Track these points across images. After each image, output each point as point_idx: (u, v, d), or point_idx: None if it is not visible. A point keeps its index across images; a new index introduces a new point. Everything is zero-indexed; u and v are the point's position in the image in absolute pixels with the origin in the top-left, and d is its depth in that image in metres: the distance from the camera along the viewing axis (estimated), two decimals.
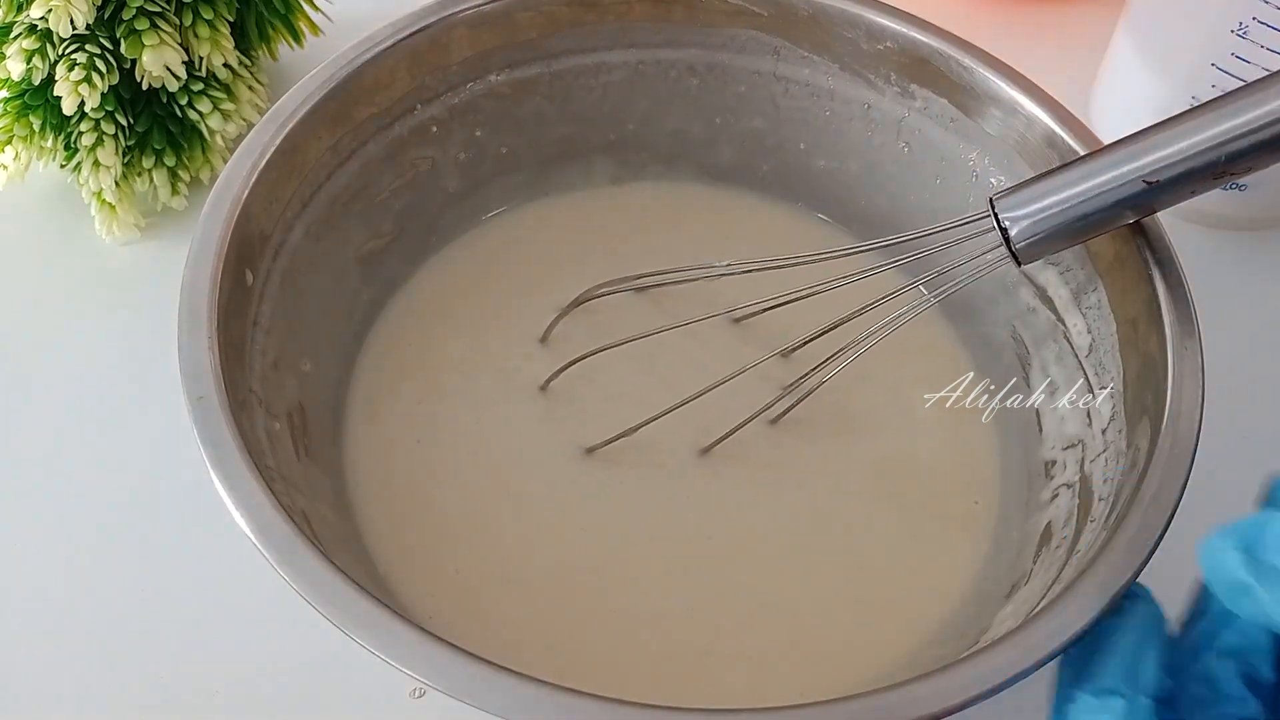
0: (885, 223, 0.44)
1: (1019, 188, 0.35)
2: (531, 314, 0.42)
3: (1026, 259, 0.35)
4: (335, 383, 0.40)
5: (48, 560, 0.38)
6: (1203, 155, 0.32)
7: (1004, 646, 0.28)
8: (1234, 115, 0.31)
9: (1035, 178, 0.35)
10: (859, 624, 0.36)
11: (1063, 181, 0.34)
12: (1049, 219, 0.34)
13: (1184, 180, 0.32)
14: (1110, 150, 0.33)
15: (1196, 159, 0.32)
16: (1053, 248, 0.35)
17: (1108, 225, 0.34)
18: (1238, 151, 0.31)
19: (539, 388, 0.40)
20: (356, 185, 0.40)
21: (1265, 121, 0.31)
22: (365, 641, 0.27)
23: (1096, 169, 0.33)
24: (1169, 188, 0.32)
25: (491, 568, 0.36)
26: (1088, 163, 0.34)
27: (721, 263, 0.39)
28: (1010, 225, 0.34)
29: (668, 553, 0.37)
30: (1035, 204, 0.34)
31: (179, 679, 0.36)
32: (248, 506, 0.29)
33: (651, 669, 0.35)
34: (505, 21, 0.41)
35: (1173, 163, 0.32)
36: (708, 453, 0.39)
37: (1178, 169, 0.32)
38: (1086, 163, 0.34)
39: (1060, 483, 0.37)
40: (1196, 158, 0.32)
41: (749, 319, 0.41)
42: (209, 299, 0.32)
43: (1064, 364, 0.39)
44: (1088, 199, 0.33)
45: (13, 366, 0.42)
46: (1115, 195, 0.33)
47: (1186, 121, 0.32)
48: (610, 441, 0.38)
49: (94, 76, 0.41)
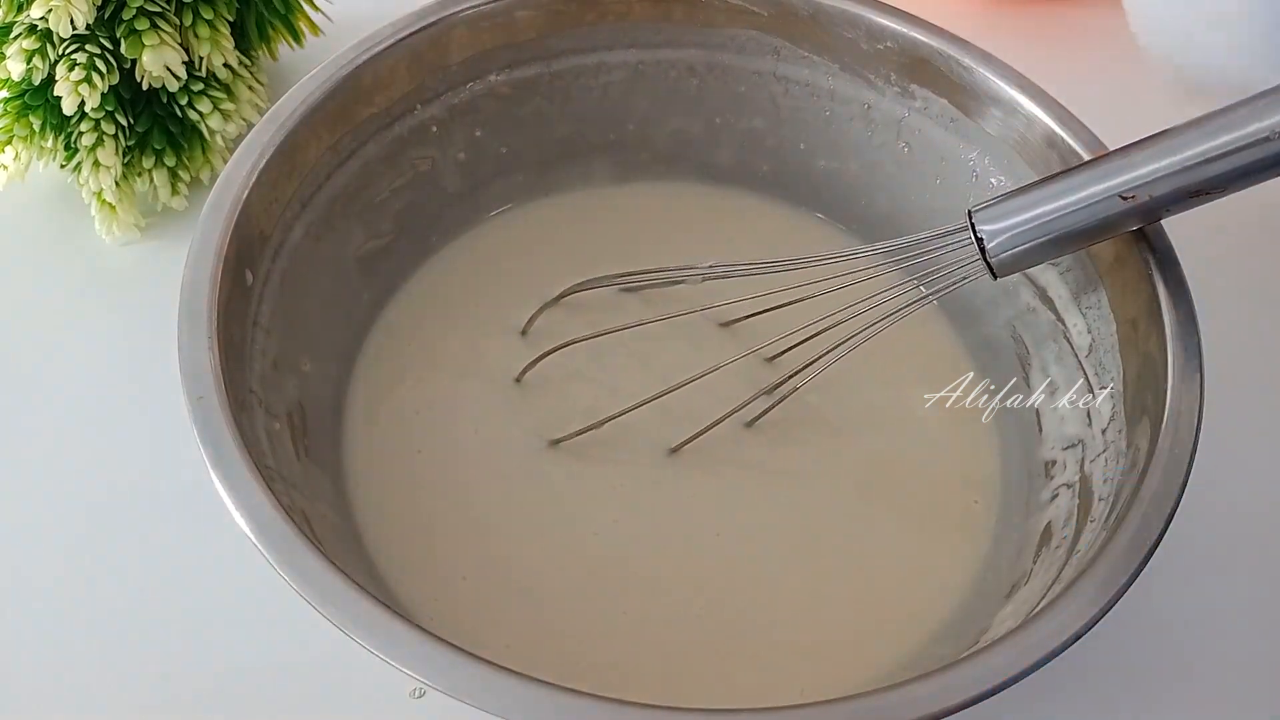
0: (885, 223, 0.44)
1: (997, 201, 0.35)
2: (531, 314, 0.42)
3: (1002, 272, 0.35)
4: (335, 383, 0.40)
5: (48, 560, 0.38)
6: (1180, 175, 0.32)
7: (1004, 646, 0.28)
8: (1213, 136, 0.31)
9: (1013, 191, 0.35)
10: (859, 624, 0.36)
11: (1040, 196, 0.34)
12: (1025, 234, 0.34)
13: (1162, 200, 0.32)
14: (1089, 166, 0.34)
15: (1174, 178, 0.32)
16: (1029, 262, 0.35)
17: (1085, 241, 0.34)
18: (1216, 174, 0.31)
19: (514, 379, 0.40)
20: (356, 185, 0.40)
21: (1245, 143, 0.31)
22: (365, 641, 0.27)
23: (1074, 185, 0.33)
24: (1146, 206, 0.33)
25: (494, 569, 0.36)
26: (1066, 178, 0.34)
27: (704, 264, 0.39)
28: (987, 238, 0.34)
29: (666, 550, 0.37)
30: (1012, 218, 0.34)
31: (179, 679, 0.36)
32: (248, 506, 0.29)
33: (650, 668, 0.35)
34: (505, 21, 0.41)
35: (1151, 180, 0.32)
36: (681, 453, 0.39)
37: (1156, 188, 0.32)
38: (1065, 178, 0.34)
39: (1060, 483, 0.37)
40: (1174, 177, 0.32)
41: (740, 320, 0.41)
42: (209, 299, 0.32)
43: (1064, 364, 0.39)
44: (1064, 214, 0.33)
45: (13, 366, 0.42)
46: (1092, 212, 0.33)
47: (1164, 140, 0.32)
48: (582, 432, 0.38)
49: (94, 76, 0.41)
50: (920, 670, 0.28)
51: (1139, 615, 0.37)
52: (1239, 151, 0.31)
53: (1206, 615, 0.38)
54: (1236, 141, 0.31)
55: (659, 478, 0.38)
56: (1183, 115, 0.33)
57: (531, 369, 0.40)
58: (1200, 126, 0.32)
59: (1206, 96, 0.35)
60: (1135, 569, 0.29)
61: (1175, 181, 0.32)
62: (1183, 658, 0.37)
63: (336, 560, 0.28)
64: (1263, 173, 0.31)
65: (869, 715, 0.27)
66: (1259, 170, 0.31)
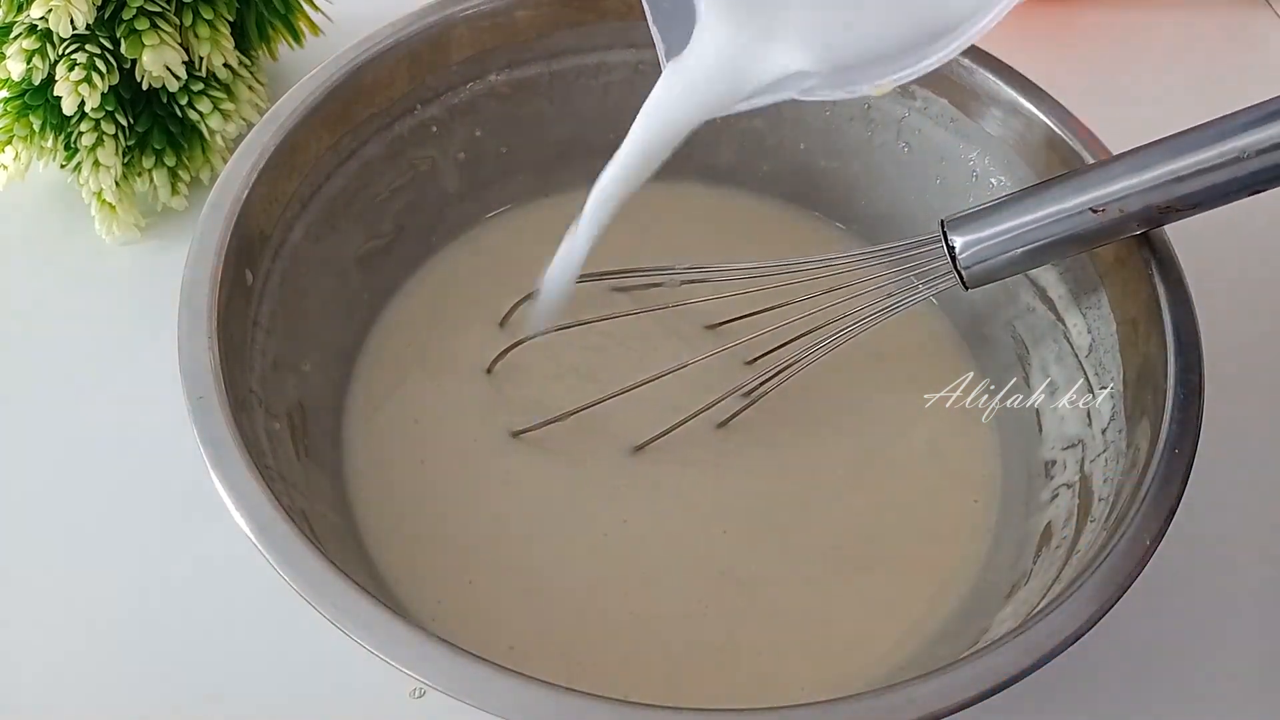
0: (885, 223, 0.44)
1: (971, 213, 0.35)
2: (511, 307, 0.41)
3: (974, 283, 0.35)
4: (335, 383, 0.40)
5: (47, 560, 0.38)
6: (1153, 192, 0.32)
7: (1004, 646, 0.28)
8: (1184, 154, 0.31)
9: (987, 205, 0.35)
10: (859, 623, 0.36)
11: (1013, 210, 0.34)
12: (996, 246, 0.34)
13: (1133, 215, 0.33)
14: (1061, 180, 0.34)
15: (1146, 194, 0.32)
16: (1001, 274, 0.35)
17: (1055, 255, 0.35)
18: (1186, 191, 0.32)
19: (486, 371, 0.40)
20: (356, 185, 0.40)
21: (1216, 163, 0.31)
22: (365, 641, 0.27)
23: (1047, 198, 0.34)
24: (1117, 221, 0.33)
25: (496, 569, 0.36)
26: (1039, 192, 0.34)
27: (682, 266, 0.40)
28: (959, 249, 0.35)
29: (671, 550, 0.37)
30: (985, 230, 0.35)
31: (179, 678, 0.36)
32: (248, 506, 0.29)
33: (653, 668, 0.35)
34: (505, 21, 0.41)
35: (1123, 196, 0.32)
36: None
37: (1128, 203, 0.32)
38: (1037, 192, 0.34)
39: (1060, 483, 0.37)
40: (1146, 194, 0.32)
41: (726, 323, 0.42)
42: (209, 299, 0.32)
43: (1064, 364, 0.39)
44: (1035, 228, 0.34)
45: (13, 366, 0.42)
46: (1063, 226, 0.33)
47: (1137, 156, 0.32)
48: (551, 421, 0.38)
49: (94, 76, 0.41)
50: (920, 670, 0.28)
51: (1139, 615, 0.37)
52: (1210, 171, 0.31)
53: (1206, 615, 0.38)
54: (1208, 161, 0.31)
55: (661, 478, 0.38)
56: (1182, 115, 0.33)
57: (503, 358, 0.40)
58: (1173, 144, 0.32)
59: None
60: (1135, 569, 0.29)
61: (1147, 198, 0.32)
62: (1183, 658, 0.37)
63: (336, 560, 0.28)
64: (1233, 194, 0.31)
65: (869, 715, 0.27)
66: (1230, 191, 0.31)
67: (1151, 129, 0.33)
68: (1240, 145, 0.30)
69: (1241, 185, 0.31)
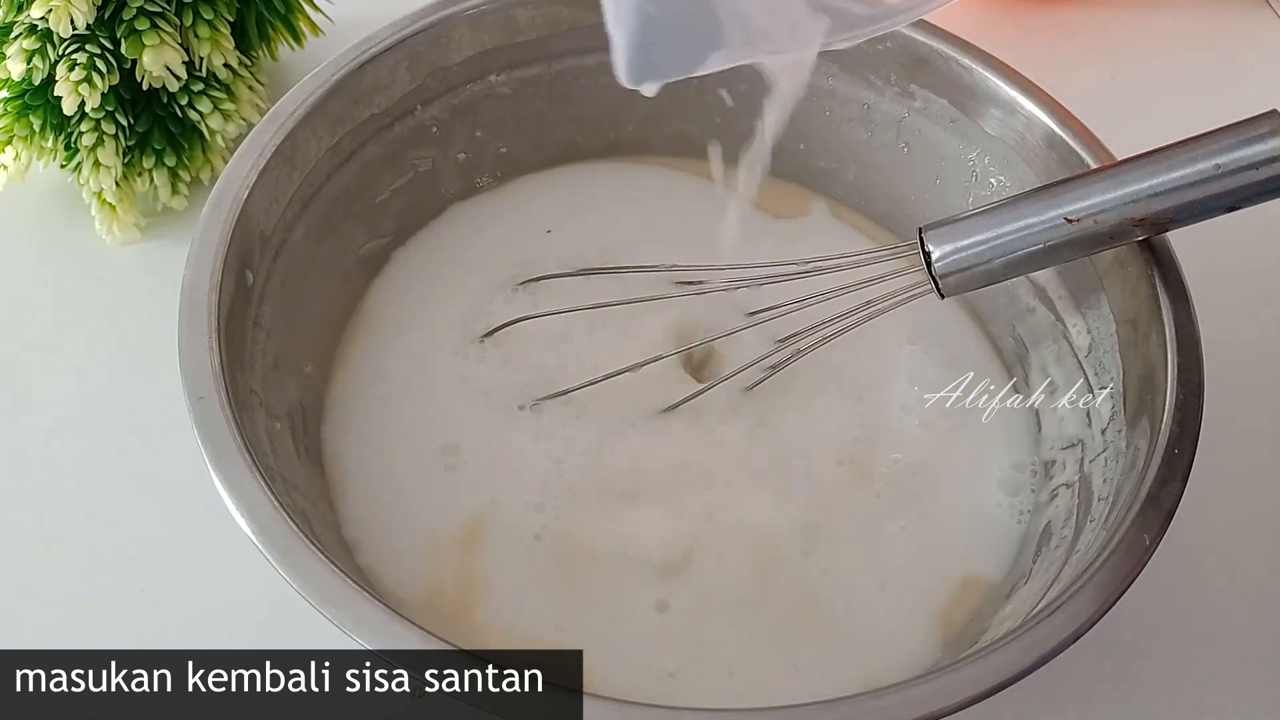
0: (885, 223, 0.44)
1: (949, 222, 0.35)
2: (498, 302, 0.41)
3: (949, 292, 0.35)
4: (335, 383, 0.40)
5: (48, 559, 0.38)
6: (1130, 207, 0.32)
7: (1004, 646, 0.28)
8: (1162, 171, 0.32)
9: (965, 214, 0.35)
10: (858, 623, 0.36)
11: (989, 220, 0.34)
12: (973, 255, 0.34)
13: (1108, 229, 0.33)
14: (1038, 193, 0.34)
15: (1123, 209, 0.32)
16: (976, 284, 0.35)
17: (1031, 266, 0.35)
18: (1161, 208, 0.32)
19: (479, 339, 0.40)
20: (357, 185, 0.40)
21: (1191, 180, 0.31)
22: (365, 641, 0.27)
23: (1023, 210, 0.34)
24: (1092, 232, 0.33)
25: (498, 570, 0.36)
26: (1016, 204, 0.34)
27: (665, 264, 0.40)
28: (935, 258, 0.35)
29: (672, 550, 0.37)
30: (961, 239, 0.35)
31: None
32: (248, 506, 0.29)
33: (654, 666, 0.35)
34: (505, 21, 0.41)
35: (1100, 211, 0.33)
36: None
37: (1104, 218, 0.32)
38: (1015, 204, 0.34)
39: (1060, 483, 0.37)
40: (1123, 208, 0.32)
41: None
42: (209, 299, 0.32)
43: (1064, 364, 0.39)
44: (1011, 238, 0.34)
45: (13, 366, 0.42)
46: (1039, 237, 0.33)
47: (1114, 172, 0.33)
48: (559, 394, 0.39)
49: (94, 76, 0.41)
50: (919, 671, 0.28)
51: (1139, 615, 0.37)
52: (1187, 188, 0.31)
53: (1206, 615, 0.38)
54: (1186, 178, 0.31)
55: (664, 478, 0.38)
56: (1181, 115, 0.33)
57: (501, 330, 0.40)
58: (1151, 159, 0.32)
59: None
60: (1135, 569, 0.29)
61: (1124, 212, 0.32)
62: (1183, 658, 0.37)
63: (336, 560, 0.28)
64: (1210, 211, 0.32)
65: (869, 715, 0.27)
66: (1207, 208, 0.32)
67: (1150, 129, 0.33)
68: (1216, 163, 0.31)
69: (1218, 203, 0.32)
